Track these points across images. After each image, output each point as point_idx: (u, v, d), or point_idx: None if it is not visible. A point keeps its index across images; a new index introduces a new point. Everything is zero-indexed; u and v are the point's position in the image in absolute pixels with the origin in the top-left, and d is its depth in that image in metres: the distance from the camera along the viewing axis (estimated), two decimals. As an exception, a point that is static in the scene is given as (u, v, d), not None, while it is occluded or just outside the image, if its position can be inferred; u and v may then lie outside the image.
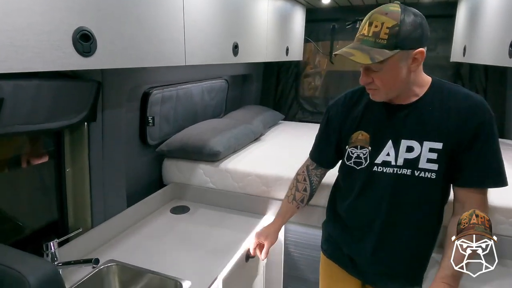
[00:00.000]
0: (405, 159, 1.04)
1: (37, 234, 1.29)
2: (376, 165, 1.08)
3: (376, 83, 0.99)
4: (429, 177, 1.02)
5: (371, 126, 1.10)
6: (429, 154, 1.01)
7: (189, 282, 1.17)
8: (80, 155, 1.31)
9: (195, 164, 1.78)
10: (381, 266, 1.13)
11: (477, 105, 0.98)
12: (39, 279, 0.62)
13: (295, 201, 1.34)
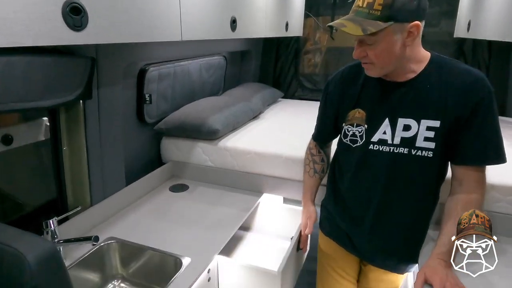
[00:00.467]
0: (402, 138, 1.03)
1: (36, 212, 1.29)
2: (372, 144, 1.07)
3: (370, 57, 0.96)
4: (426, 156, 1.01)
5: (368, 103, 1.08)
6: (426, 132, 1.00)
7: (188, 259, 1.18)
8: (77, 133, 1.29)
9: (193, 143, 1.76)
10: (378, 243, 1.15)
11: (477, 80, 0.96)
12: (37, 257, 0.62)
13: (317, 174, 1.34)
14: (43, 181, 1.35)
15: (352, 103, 1.11)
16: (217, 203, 1.58)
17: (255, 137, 1.80)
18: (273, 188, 1.65)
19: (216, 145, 1.72)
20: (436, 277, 0.96)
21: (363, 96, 1.10)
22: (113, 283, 1.29)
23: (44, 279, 0.62)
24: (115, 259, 1.30)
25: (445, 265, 0.99)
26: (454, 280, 0.95)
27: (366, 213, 1.13)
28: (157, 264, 1.25)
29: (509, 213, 1.27)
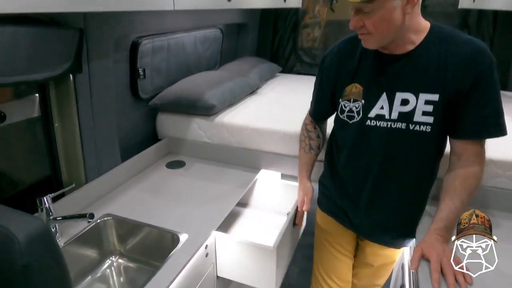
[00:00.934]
0: (399, 113, 1.00)
1: (31, 190, 1.27)
2: (369, 119, 1.05)
3: (367, 27, 0.92)
4: (424, 131, 0.99)
5: (365, 78, 1.05)
6: (425, 106, 0.97)
7: (186, 235, 1.18)
8: (68, 109, 1.25)
9: (189, 118, 1.73)
10: (375, 219, 1.14)
11: (478, 51, 0.92)
12: (28, 236, 0.60)
13: (312, 150, 1.33)
14: (37, 159, 1.32)
15: (349, 78, 1.08)
16: (214, 180, 1.56)
17: (253, 112, 1.76)
18: (270, 164, 1.63)
19: (212, 121, 1.68)
20: (433, 252, 0.96)
21: (360, 70, 1.06)
22: (111, 259, 1.30)
23: (36, 258, 0.60)
24: (112, 235, 1.30)
25: (442, 240, 0.99)
26: (451, 255, 0.95)
27: (363, 190, 1.12)
28: (155, 241, 1.24)
29: (508, 188, 1.27)
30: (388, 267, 1.23)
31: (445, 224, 0.99)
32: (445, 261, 0.93)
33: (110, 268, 1.28)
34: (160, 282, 0.99)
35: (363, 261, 1.24)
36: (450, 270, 0.91)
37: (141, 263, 1.29)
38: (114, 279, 1.25)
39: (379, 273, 1.23)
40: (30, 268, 0.59)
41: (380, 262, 1.22)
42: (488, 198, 1.27)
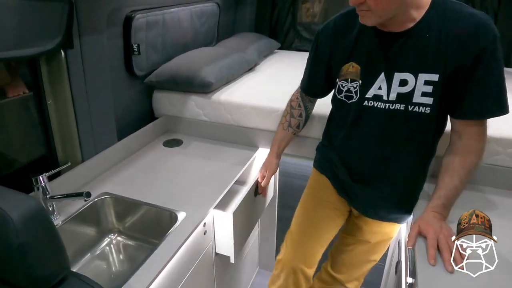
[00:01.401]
0: (398, 94, 0.97)
1: (26, 170, 1.26)
2: (367, 100, 1.02)
3: (368, 3, 0.86)
4: (424, 112, 0.96)
5: (363, 57, 1.01)
6: (424, 87, 0.94)
7: (184, 213, 1.18)
8: (61, 86, 1.22)
9: (186, 96, 1.70)
10: (372, 196, 1.14)
11: (480, 25, 0.87)
12: (22, 215, 0.60)
13: (290, 128, 1.31)
14: (31, 137, 1.30)
15: (345, 56, 1.04)
16: (212, 158, 1.55)
17: (250, 90, 1.73)
18: (268, 143, 1.61)
19: (209, 99, 1.65)
20: (430, 229, 0.96)
21: (357, 48, 1.02)
22: (109, 237, 1.30)
23: (31, 237, 0.60)
24: (110, 214, 1.30)
25: (440, 217, 0.99)
26: (447, 232, 0.96)
27: (360, 169, 1.12)
28: (153, 219, 1.25)
29: (508, 166, 1.26)
30: (384, 244, 1.24)
31: (443, 202, 0.99)
32: (442, 238, 0.93)
33: (109, 245, 1.29)
34: (159, 259, 1.00)
35: (360, 239, 1.25)
36: (447, 246, 0.91)
37: (140, 241, 1.30)
38: (113, 256, 1.26)
39: (375, 249, 1.24)
40: (26, 247, 0.59)
41: (377, 239, 1.23)
42: (487, 175, 1.27)
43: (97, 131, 1.37)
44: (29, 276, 0.60)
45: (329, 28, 1.08)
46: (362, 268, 1.26)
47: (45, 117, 1.26)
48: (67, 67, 1.20)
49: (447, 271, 0.86)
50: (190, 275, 1.14)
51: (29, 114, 1.26)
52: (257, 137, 1.62)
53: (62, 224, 1.13)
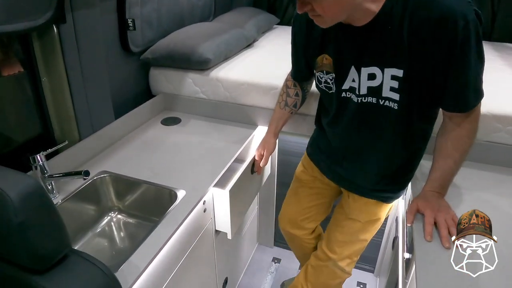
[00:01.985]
0: (368, 87, 0.93)
1: (23, 149, 1.24)
2: (344, 91, 1.00)
3: (317, 10, 0.80)
4: (392, 107, 0.93)
5: (332, 49, 0.98)
6: (391, 82, 0.89)
7: (183, 191, 1.18)
8: (55, 62, 1.19)
9: (183, 73, 1.66)
10: (353, 172, 1.16)
11: (446, 13, 0.77)
12: (20, 194, 0.59)
13: (287, 107, 1.30)
14: (27, 116, 1.28)
15: (317, 49, 1.01)
16: (211, 136, 1.54)
17: (249, 67, 1.69)
18: (267, 121, 1.60)
19: (207, 76, 1.62)
20: (428, 207, 0.97)
21: (326, 40, 0.98)
22: (110, 215, 1.31)
23: (30, 215, 0.59)
24: (109, 192, 1.30)
25: (438, 196, 1.00)
26: (445, 209, 0.96)
27: (344, 152, 1.13)
28: (152, 197, 1.25)
29: (508, 143, 1.26)
30: (374, 224, 1.23)
31: (439, 183, 1.00)
32: (439, 215, 0.94)
33: (110, 223, 1.30)
34: (160, 236, 1.01)
35: (350, 217, 1.23)
36: (443, 223, 0.92)
37: (140, 218, 1.31)
38: (114, 234, 1.28)
39: (365, 229, 1.23)
40: (25, 226, 0.59)
41: (366, 219, 1.21)
42: (487, 153, 1.27)
43: (93, 109, 1.35)
44: (30, 254, 0.60)
45: (302, 16, 1.00)
46: (353, 247, 1.26)
47: (40, 95, 1.23)
48: (60, 43, 1.16)
49: (444, 247, 0.88)
50: (190, 251, 1.16)
51: (24, 92, 1.24)
52: (256, 115, 1.61)
53: (62, 203, 1.13)
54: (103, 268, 0.69)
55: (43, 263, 0.62)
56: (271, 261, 2.04)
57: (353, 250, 1.26)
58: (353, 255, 1.28)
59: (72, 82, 1.23)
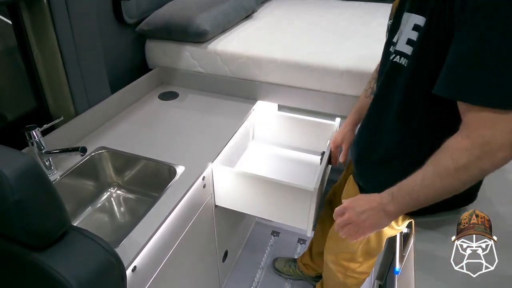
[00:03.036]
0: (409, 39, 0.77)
1: (17, 125, 1.22)
2: (392, 45, 0.83)
3: None
4: (403, 64, 0.77)
5: None
6: (411, 32, 0.74)
7: (182, 167, 1.17)
8: (46, 34, 1.14)
9: (180, 46, 1.61)
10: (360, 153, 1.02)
11: None
12: (15, 172, 0.58)
13: (373, 95, 1.06)
14: (21, 90, 1.25)
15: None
16: (209, 111, 1.52)
17: (248, 39, 1.64)
18: (267, 95, 1.57)
19: (205, 49, 1.58)
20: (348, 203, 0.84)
21: None
22: (109, 191, 1.31)
23: (27, 193, 0.58)
24: (108, 168, 1.29)
25: (374, 201, 0.79)
26: (353, 204, 0.82)
27: (362, 126, 1.01)
28: (151, 173, 1.24)
29: None
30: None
31: (392, 190, 0.76)
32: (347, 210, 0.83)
33: (110, 199, 1.30)
34: (160, 211, 1.01)
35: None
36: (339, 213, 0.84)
37: (140, 194, 1.31)
38: (114, 209, 1.28)
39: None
40: (22, 204, 0.58)
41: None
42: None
43: (88, 83, 1.31)
44: (29, 232, 0.59)
45: None
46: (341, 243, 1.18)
47: (33, 69, 1.20)
48: (51, 13, 1.11)
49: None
50: (190, 226, 1.17)
51: (16, 66, 1.20)
52: (255, 89, 1.57)
53: (61, 179, 1.13)
54: (103, 244, 0.69)
55: (42, 240, 0.62)
56: (270, 234, 2.08)
57: (340, 247, 1.20)
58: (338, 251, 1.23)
59: (65, 55, 1.19)
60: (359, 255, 1.17)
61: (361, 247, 1.13)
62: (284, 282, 1.81)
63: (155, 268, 1.00)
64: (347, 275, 1.25)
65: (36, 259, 0.62)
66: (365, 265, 1.23)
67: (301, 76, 1.46)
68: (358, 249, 1.14)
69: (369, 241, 1.10)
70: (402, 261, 1.06)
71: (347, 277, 1.26)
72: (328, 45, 1.54)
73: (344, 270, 1.24)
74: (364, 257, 1.18)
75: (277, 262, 1.86)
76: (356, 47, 1.52)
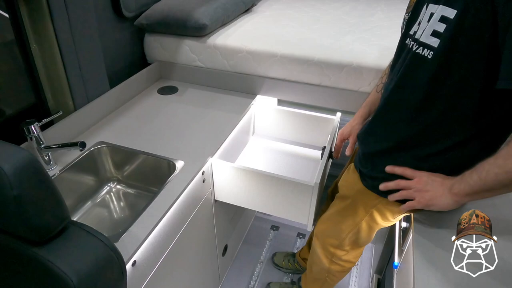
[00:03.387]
0: (434, 31, 0.76)
1: (16, 120, 1.21)
2: (408, 37, 0.84)
3: None
4: (427, 56, 0.76)
5: None
6: (437, 24, 0.73)
7: (182, 162, 1.17)
8: (44, 28, 1.13)
9: (179, 40, 1.60)
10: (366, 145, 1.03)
11: None
12: (14, 167, 0.58)
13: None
14: (19, 85, 1.24)
15: None
16: (209, 106, 1.51)
17: (248, 33, 1.63)
18: (267, 90, 1.57)
19: (204, 43, 1.57)
20: (420, 177, 0.84)
21: None
22: (109, 185, 1.31)
23: (26, 188, 0.58)
24: (107, 163, 1.29)
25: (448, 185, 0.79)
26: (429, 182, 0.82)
27: (375, 115, 0.97)
28: (151, 168, 1.24)
29: None
30: (349, 206, 1.11)
31: (464, 173, 0.75)
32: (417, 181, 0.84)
33: (109, 194, 1.30)
34: (160, 206, 1.01)
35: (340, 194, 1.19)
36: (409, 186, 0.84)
37: (140, 189, 1.31)
38: (114, 204, 1.28)
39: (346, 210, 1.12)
40: (22, 199, 0.58)
41: (344, 192, 1.13)
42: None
43: (87, 78, 1.31)
44: (28, 227, 0.59)
45: None
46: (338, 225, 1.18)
47: (31, 63, 1.19)
48: (49, 7, 1.10)
49: None
50: (190, 221, 1.17)
51: (15, 61, 1.19)
52: (255, 84, 1.57)
53: (60, 174, 1.12)
54: (103, 239, 0.69)
55: (42, 235, 0.62)
56: (270, 229, 2.09)
57: (337, 229, 1.20)
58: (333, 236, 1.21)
59: (63, 49, 1.18)
60: (347, 243, 1.18)
61: (350, 236, 1.14)
62: (283, 276, 1.82)
63: (155, 263, 1.00)
64: (333, 261, 1.27)
65: (36, 254, 0.62)
66: (351, 254, 1.25)
67: (301, 70, 1.45)
68: (347, 237, 1.15)
69: (359, 231, 1.11)
70: (401, 256, 1.06)
71: (333, 263, 1.28)
72: (328, 39, 1.54)
73: (330, 255, 1.26)
74: (352, 246, 1.20)
75: (276, 256, 1.87)
76: (356, 41, 1.51)
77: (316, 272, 1.38)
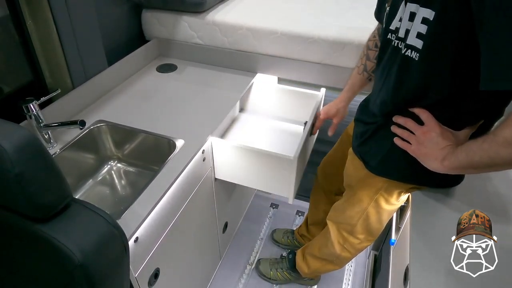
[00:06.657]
0: (406, 30, 0.77)
1: (14, 98, 1.20)
2: (390, 32, 0.83)
3: None
4: (414, 58, 0.76)
5: None
6: (420, 26, 0.72)
7: (182, 141, 1.17)
8: (39, 4, 1.10)
9: (178, 16, 1.57)
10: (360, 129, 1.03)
11: None
12: (14, 145, 0.58)
13: (365, 72, 1.13)
14: (16, 63, 1.22)
15: None
16: (209, 84, 1.50)
17: (247, 9, 1.59)
18: (267, 68, 1.55)
19: (203, 19, 1.53)
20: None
21: None
22: (110, 164, 1.32)
23: (27, 166, 0.59)
24: (108, 141, 1.29)
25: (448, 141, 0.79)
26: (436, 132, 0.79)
27: (374, 113, 0.96)
28: (151, 146, 1.25)
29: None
30: (355, 190, 1.11)
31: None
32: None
33: (110, 172, 1.31)
34: (161, 184, 1.02)
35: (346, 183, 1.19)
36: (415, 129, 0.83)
37: (140, 167, 1.31)
38: (115, 182, 1.29)
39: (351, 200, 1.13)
40: (23, 177, 0.58)
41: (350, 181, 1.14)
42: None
43: (85, 55, 1.29)
44: (31, 204, 0.60)
45: None
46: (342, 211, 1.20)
47: (27, 39, 1.16)
48: (42, -19, 1.07)
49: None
50: (191, 199, 1.18)
51: (10, 37, 1.17)
52: (255, 61, 1.55)
53: (60, 152, 1.13)
54: (105, 216, 0.70)
55: (44, 212, 0.63)
56: (269, 207, 2.12)
57: (341, 215, 1.22)
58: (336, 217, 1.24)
59: (59, 25, 1.16)
60: (359, 230, 1.18)
61: (361, 222, 1.15)
62: (282, 252, 1.86)
63: (157, 239, 1.02)
64: (345, 248, 1.27)
65: (40, 231, 0.63)
66: (364, 244, 1.24)
67: (301, 48, 1.43)
68: (358, 223, 1.16)
69: (368, 216, 1.12)
70: (398, 233, 1.08)
71: (344, 250, 1.27)
72: (330, 16, 1.50)
73: (343, 241, 1.27)
74: (365, 234, 1.19)
75: (275, 233, 1.91)
76: (359, 18, 1.48)
77: (324, 254, 1.39)
